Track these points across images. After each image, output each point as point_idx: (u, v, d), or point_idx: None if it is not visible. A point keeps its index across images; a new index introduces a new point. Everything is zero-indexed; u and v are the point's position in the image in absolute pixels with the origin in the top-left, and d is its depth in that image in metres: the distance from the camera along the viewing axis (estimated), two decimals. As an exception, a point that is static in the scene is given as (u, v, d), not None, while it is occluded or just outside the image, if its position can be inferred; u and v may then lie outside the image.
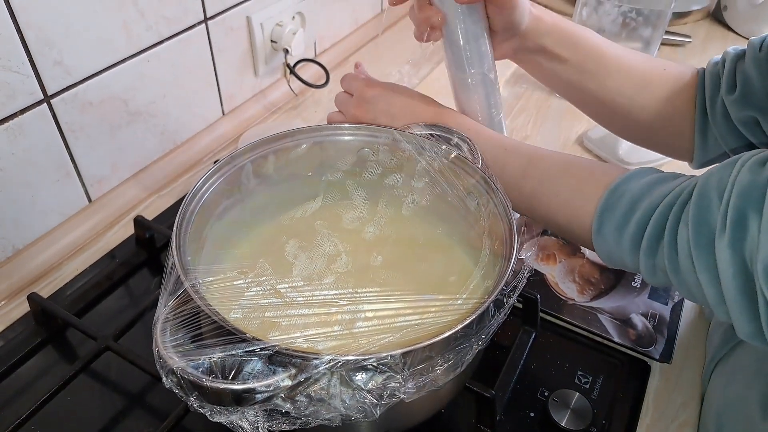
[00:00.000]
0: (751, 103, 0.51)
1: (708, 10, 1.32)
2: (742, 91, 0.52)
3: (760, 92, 0.51)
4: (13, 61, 0.55)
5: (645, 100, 0.58)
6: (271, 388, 0.34)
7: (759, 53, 0.51)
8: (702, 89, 0.55)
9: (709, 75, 0.55)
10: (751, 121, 0.52)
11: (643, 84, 0.57)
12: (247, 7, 0.81)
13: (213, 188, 0.47)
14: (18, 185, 0.60)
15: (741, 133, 0.53)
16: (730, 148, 0.55)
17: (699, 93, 0.56)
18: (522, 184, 0.51)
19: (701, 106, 0.56)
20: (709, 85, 0.55)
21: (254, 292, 0.39)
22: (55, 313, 0.56)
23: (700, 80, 0.56)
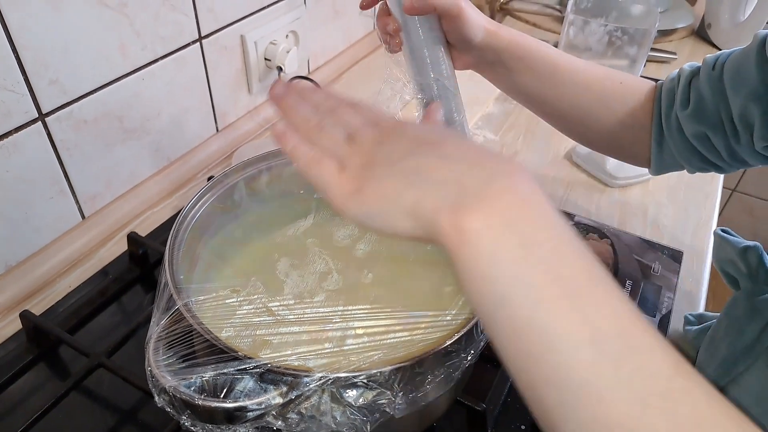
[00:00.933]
0: (703, 119, 0.54)
1: (693, 28, 1.34)
2: (695, 108, 0.54)
3: (712, 109, 0.53)
4: (8, 80, 0.56)
5: (601, 112, 0.60)
6: (263, 406, 0.34)
7: (712, 72, 0.54)
8: (659, 103, 0.58)
9: (665, 90, 0.58)
10: (703, 136, 0.55)
11: (599, 96, 0.60)
12: (242, 26, 0.82)
13: (206, 206, 0.47)
14: (12, 202, 0.61)
15: (694, 146, 0.56)
16: (684, 160, 0.58)
17: (656, 107, 0.58)
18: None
19: (657, 119, 0.58)
20: (665, 100, 0.58)
21: (246, 310, 0.39)
22: (47, 330, 0.56)
23: (657, 95, 0.59)
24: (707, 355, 0.56)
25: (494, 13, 1.30)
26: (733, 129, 0.53)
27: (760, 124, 0.50)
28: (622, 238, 0.75)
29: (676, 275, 0.71)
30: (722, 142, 0.55)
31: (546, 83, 0.60)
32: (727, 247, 0.55)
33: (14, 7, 0.53)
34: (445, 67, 0.58)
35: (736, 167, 0.57)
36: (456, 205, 0.30)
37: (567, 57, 0.61)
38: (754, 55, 0.50)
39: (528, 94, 0.62)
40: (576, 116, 0.62)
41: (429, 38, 0.56)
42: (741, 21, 1.23)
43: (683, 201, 0.84)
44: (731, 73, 0.52)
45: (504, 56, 0.59)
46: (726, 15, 1.25)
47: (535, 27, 1.33)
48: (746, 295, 0.52)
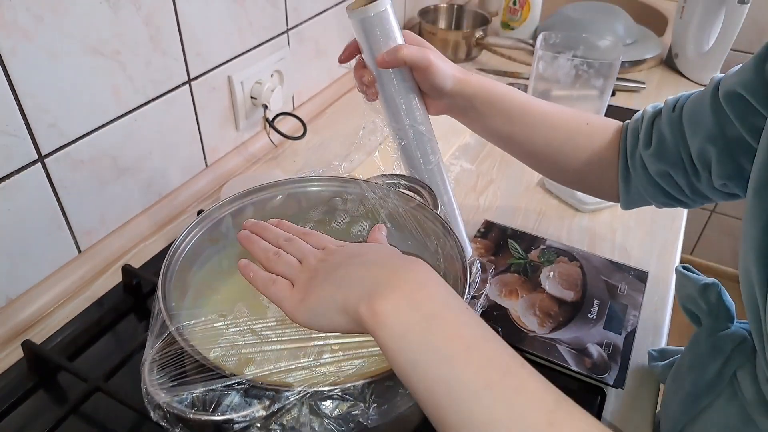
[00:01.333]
0: (665, 158, 0.57)
1: (661, 58, 1.41)
2: (657, 147, 0.58)
3: (672, 149, 0.57)
4: (11, 125, 0.60)
5: (569, 152, 0.64)
6: (248, 419, 0.38)
7: (672, 113, 0.57)
8: (624, 143, 0.62)
9: (630, 130, 0.62)
10: (666, 174, 0.58)
11: (567, 137, 0.64)
12: (229, 68, 0.88)
13: (195, 239, 0.52)
14: (12, 239, 0.65)
15: (658, 183, 0.59)
16: (650, 196, 0.62)
17: (621, 146, 0.62)
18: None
19: (623, 158, 0.62)
20: (630, 139, 0.61)
21: (232, 332, 0.43)
22: (47, 357, 0.60)
23: (623, 134, 0.62)
24: (672, 390, 0.59)
25: (471, 47, 1.36)
26: (693, 167, 0.56)
27: (717, 163, 0.53)
28: (590, 260, 0.80)
29: (641, 294, 0.75)
30: (684, 180, 0.57)
31: (516, 125, 0.64)
32: (688, 284, 0.57)
33: (16, 58, 0.58)
34: (419, 113, 0.63)
35: (700, 202, 0.60)
36: (371, 294, 0.38)
37: (535, 100, 0.65)
38: (708, 99, 0.53)
39: (499, 135, 0.66)
40: (546, 156, 0.66)
41: (402, 88, 0.61)
42: (705, 50, 1.30)
43: (650, 224, 0.89)
44: (689, 114, 0.55)
45: (475, 102, 0.63)
46: (691, 45, 1.32)
47: (510, 60, 1.40)
48: (708, 331, 0.54)
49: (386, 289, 0.38)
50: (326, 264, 0.43)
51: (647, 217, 0.90)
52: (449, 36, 1.37)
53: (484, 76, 0.65)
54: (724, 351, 0.52)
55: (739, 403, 0.50)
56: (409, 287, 0.38)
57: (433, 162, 0.65)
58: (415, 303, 0.37)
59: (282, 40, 0.98)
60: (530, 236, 0.84)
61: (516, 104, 0.64)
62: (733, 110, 0.50)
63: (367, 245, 0.46)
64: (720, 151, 0.52)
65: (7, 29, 0.56)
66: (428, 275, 0.40)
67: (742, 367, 0.51)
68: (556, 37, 1.07)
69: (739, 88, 0.49)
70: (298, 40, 1.02)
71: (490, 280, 0.75)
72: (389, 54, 0.58)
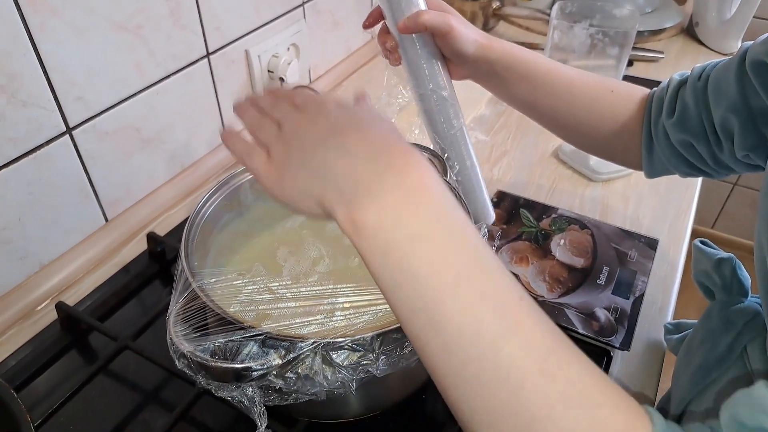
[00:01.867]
0: (687, 128, 0.56)
1: (682, 26, 1.39)
2: (680, 117, 0.57)
3: (695, 118, 0.56)
4: (41, 99, 0.63)
5: (593, 120, 0.64)
6: (265, 367, 0.41)
7: (698, 82, 0.56)
8: (649, 112, 0.61)
9: (655, 99, 0.61)
10: (688, 144, 0.58)
11: (590, 105, 0.63)
12: (246, 42, 0.89)
13: (216, 204, 0.54)
14: (44, 207, 0.68)
15: (681, 153, 0.59)
16: (673, 166, 0.61)
17: (645, 115, 0.61)
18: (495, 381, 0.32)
19: (647, 127, 0.61)
20: (654, 108, 0.60)
21: (250, 289, 0.46)
22: (79, 318, 0.63)
23: (648, 103, 0.62)
24: (683, 363, 0.58)
25: (488, 18, 1.36)
26: (716, 138, 0.55)
27: (739, 134, 0.52)
28: (601, 228, 0.81)
29: (651, 261, 0.76)
30: (706, 150, 0.57)
31: (539, 92, 0.64)
32: (703, 259, 0.57)
33: (44, 36, 0.61)
34: (441, 78, 0.64)
35: (723, 173, 0.59)
36: (351, 201, 0.34)
37: (559, 66, 0.64)
38: (734, 68, 0.51)
39: (522, 102, 0.66)
40: (569, 123, 0.66)
41: (425, 53, 0.62)
42: (727, 18, 1.28)
43: (664, 192, 0.90)
44: (714, 83, 0.54)
45: (497, 67, 0.63)
46: (713, 13, 1.30)
47: (528, 30, 1.39)
48: (720, 305, 0.55)
49: (368, 197, 0.33)
50: (301, 138, 0.38)
51: (661, 186, 0.90)
52: (466, 6, 1.37)
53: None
54: (736, 325, 0.52)
55: (748, 376, 0.50)
56: (396, 196, 0.33)
57: (456, 126, 0.66)
58: (400, 218, 0.33)
59: (298, 13, 0.99)
60: (542, 205, 0.85)
61: (539, 71, 0.63)
62: (759, 79, 0.49)
63: (351, 117, 0.39)
64: (743, 122, 0.51)
65: (35, 5, 0.59)
66: (421, 178, 0.35)
67: (752, 341, 0.51)
68: (572, 6, 1.06)
69: (766, 57, 0.48)
70: (313, 12, 1.03)
71: (496, 246, 0.77)
72: (410, 19, 0.58)
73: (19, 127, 0.62)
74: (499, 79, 0.64)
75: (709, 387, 0.53)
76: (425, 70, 0.63)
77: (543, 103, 0.65)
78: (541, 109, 0.66)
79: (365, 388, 0.45)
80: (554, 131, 0.70)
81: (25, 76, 0.61)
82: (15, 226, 0.65)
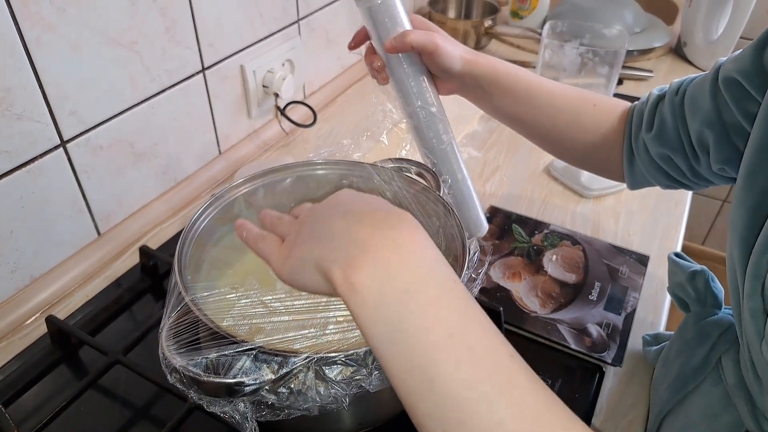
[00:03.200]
0: (665, 142, 0.58)
1: (670, 46, 1.42)
2: (658, 131, 0.58)
3: (672, 132, 0.57)
4: (35, 112, 0.63)
5: (575, 132, 0.65)
6: (258, 382, 0.41)
7: (675, 97, 0.57)
8: (630, 125, 0.62)
9: (636, 112, 0.62)
10: (667, 157, 0.59)
11: (572, 118, 0.64)
12: (241, 57, 0.90)
13: (210, 218, 0.54)
14: (36, 221, 0.68)
15: (660, 165, 0.60)
16: (653, 178, 0.62)
17: (627, 128, 0.62)
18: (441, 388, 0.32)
19: (628, 139, 0.62)
20: (635, 122, 0.61)
21: (243, 303, 0.46)
22: (70, 332, 0.63)
23: (629, 117, 0.63)
24: (661, 374, 0.60)
25: (480, 36, 1.38)
26: (693, 151, 0.56)
27: (714, 147, 0.53)
28: (593, 245, 0.82)
29: (642, 277, 0.77)
30: (684, 163, 0.57)
31: (523, 105, 0.65)
32: (678, 271, 0.59)
33: (40, 50, 0.61)
34: (429, 95, 0.65)
35: (703, 185, 0.60)
36: (347, 259, 0.35)
37: (542, 80, 0.66)
38: (709, 83, 0.52)
39: (507, 115, 0.67)
40: (553, 135, 0.67)
41: (411, 72, 0.63)
42: (714, 39, 1.30)
43: (653, 209, 0.91)
44: (690, 98, 0.55)
45: (482, 82, 0.64)
46: (700, 33, 1.32)
47: (519, 49, 1.41)
48: (695, 317, 0.56)
49: (362, 254, 0.34)
50: (313, 215, 0.41)
51: (651, 203, 0.91)
52: (458, 25, 1.39)
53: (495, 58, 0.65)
54: (710, 337, 0.53)
55: (723, 387, 0.51)
56: (389, 251, 0.34)
57: (445, 141, 0.67)
58: (392, 272, 0.33)
59: (293, 30, 1.00)
60: (534, 221, 0.86)
61: (521, 84, 0.64)
62: (731, 95, 0.50)
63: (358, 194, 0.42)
64: (717, 136, 0.52)
65: (31, 20, 0.59)
66: (412, 235, 0.36)
67: (726, 353, 0.52)
68: (563, 25, 1.08)
69: (736, 74, 0.49)
70: (308, 29, 1.04)
71: (489, 261, 0.78)
72: (397, 40, 0.60)
73: (14, 140, 0.62)
74: (484, 93, 0.65)
75: (686, 399, 0.55)
76: (413, 87, 0.64)
77: (526, 117, 0.66)
78: (525, 123, 0.67)
79: (358, 403, 0.45)
80: (539, 144, 0.70)
81: (20, 90, 0.61)
82: (6, 238, 0.65)
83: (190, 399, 0.41)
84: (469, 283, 0.50)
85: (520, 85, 0.64)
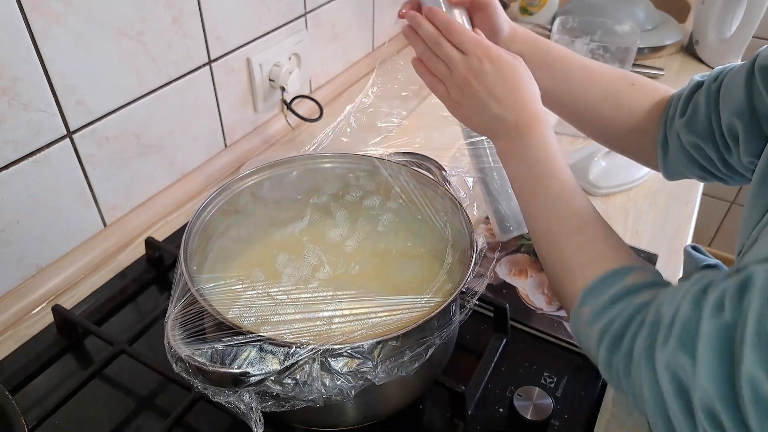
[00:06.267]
0: (695, 130, 0.55)
1: (681, 44, 1.40)
2: (689, 117, 0.56)
3: (704, 120, 0.54)
4: (41, 102, 0.63)
5: (608, 110, 0.63)
6: (263, 372, 0.40)
7: (713, 84, 0.54)
8: (668, 110, 0.59)
9: (675, 98, 0.59)
10: (697, 145, 0.56)
11: (606, 95, 0.62)
12: (247, 50, 0.90)
13: (216, 209, 0.54)
14: (42, 211, 0.68)
15: (692, 154, 0.57)
16: (685, 167, 0.59)
17: (665, 114, 0.60)
18: (550, 232, 0.51)
19: (663, 126, 0.60)
20: (672, 107, 0.59)
21: (249, 295, 0.46)
22: (76, 321, 0.63)
23: (668, 102, 0.60)
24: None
25: (488, 33, 1.37)
26: (724, 141, 0.53)
27: (744, 139, 0.50)
28: (600, 241, 0.81)
29: (649, 274, 0.76)
30: (715, 153, 0.55)
31: (559, 79, 0.64)
32: (691, 263, 0.57)
33: (47, 40, 0.61)
34: None
35: (738, 180, 0.57)
36: (504, 137, 0.54)
37: (579, 56, 0.64)
38: (744, 72, 0.50)
39: (544, 89, 0.63)
40: (587, 114, 0.65)
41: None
42: (727, 37, 1.29)
43: (663, 208, 0.90)
44: (725, 87, 0.53)
45: (524, 51, 0.62)
46: (712, 32, 1.31)
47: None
48: None
49: (516, 132, 0.53)
50: (471, 85, 0.54)
51: (661, 201, 0.91)
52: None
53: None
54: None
55: None
56: (532, 133, 0.52)
57: None
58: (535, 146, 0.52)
59: (300, 23, 1.00)
60: (541, 217, 0.85)
61: (560, 57, 0.64)
62: (765, 84, 0.48)
63: (496, 75, 0.54)
64: (747, 126, 0.50)
65: (39, 11, 0.59)
66: (545, 128, 0.53)
67: None
68: (574, 21, 1.07)
69: None
70: (315, 23, 1.04)
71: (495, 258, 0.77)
72: None
73: (20, 130, 0.62)
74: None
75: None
76: None
77: (561, 91, 0.64)
78: (559, 97, 0.65)
79: (363, 396, 0.44)
80: (573, 122, 0.68)
81: (27, 80, 0.61)
82: (13, 228, 0.65)
83: (195, 389, 0.41)
84: (477, 279, 0.50)
85: (559, 57, 0.64)
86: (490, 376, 0.62)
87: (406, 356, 0.43)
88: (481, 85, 0.54)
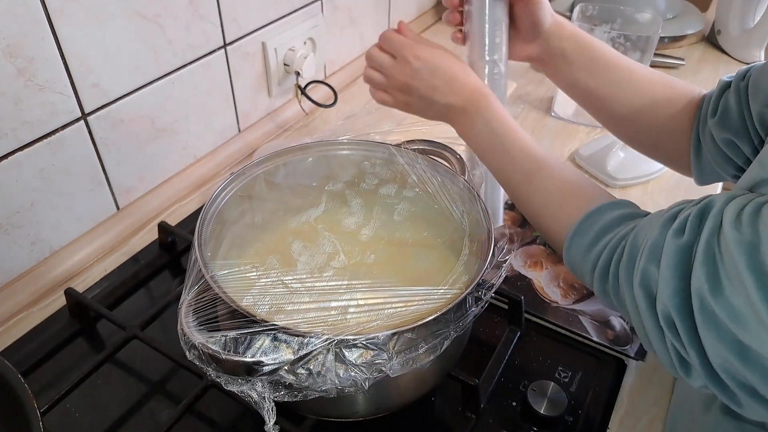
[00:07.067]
0: (728, 126, 0.54)
1: (703, 34, 1.37)
2: (721, 115, 0.55)
3: (736, 116, 0.54)
4: (57, 83, 0.63)
5: (649, 114, 0.62)
6: (276, 361, 0.40)
7: (741, 81, 0.54)
8: (699, 111, 0.59)
9: (705, 99, 0.59)
10: (731, 142, 0.55)
11: (648, 99, 0.61)
12: (263, 34, 0.89)
13: (230, 195, 0.53)
14: (57, 193, 0.68)
15: (725, 153, 0.56)
16: (719, 166, 0.59)
17: (696, 115, 0.59)
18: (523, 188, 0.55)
19: (696, 127, 0.59)
20: (703, 108, 0.58)
21: (264, 282, 0.45)
22: (88, 305, 0.63)
23: (699, 104, 0.60)
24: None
25: (506, 20, 1.35)
26: (757, 134, 0.53)
27: None
28: (617, 234, 0.80)
29: (667, 269, 0.75)
30: (749, 149, 0.54)
31: (601, 80, 0.62)
32: None
33: (63, 20, 0.60)
34: (502, 52, 0.62)
35: None
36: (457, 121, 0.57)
37: (622, 56, 0.63)
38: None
39: (583, 89, 0.64)
40: (626, 116, 0.63)
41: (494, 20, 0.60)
42: (750, 28, 1.26)
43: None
44: (753, 80, 0.53)
45: (567, 47, 0.61)
46: (735, 22, 1.28)
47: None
48: None
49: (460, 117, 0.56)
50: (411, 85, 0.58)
51: (678, 195, 0.89)
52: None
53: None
54: None
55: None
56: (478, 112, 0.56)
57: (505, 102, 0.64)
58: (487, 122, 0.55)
59: (316, 7, 0.98)
60: (558, 209, 0.84)
61: (605, 58, 0.62)
62: None
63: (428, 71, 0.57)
64: None
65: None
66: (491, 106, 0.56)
67: None
68: (594, 8, 1.05)
69: None
70: (331, 8, 1.02)
71: (515, 251, 0.76)
72: None
73: (35, 111, 0.62)
74: (566, 62, 0.63)
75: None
76: (491, 37, 0.61)
77: (603, 92, 0.63)
78: (599, 99, 0.64)
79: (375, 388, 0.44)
80: (609, 126, 0.67)
81: (43, 60, 0.60)
82: (27, 210, 0.65)
83: (207, 376, 0.40)
84: (494, 270, 0.49)
85: (603, 57, 0.62)
86: (504, 370, 0.61)
87: (421, 348, 0.43)
88: (419, 82, 0.57)
